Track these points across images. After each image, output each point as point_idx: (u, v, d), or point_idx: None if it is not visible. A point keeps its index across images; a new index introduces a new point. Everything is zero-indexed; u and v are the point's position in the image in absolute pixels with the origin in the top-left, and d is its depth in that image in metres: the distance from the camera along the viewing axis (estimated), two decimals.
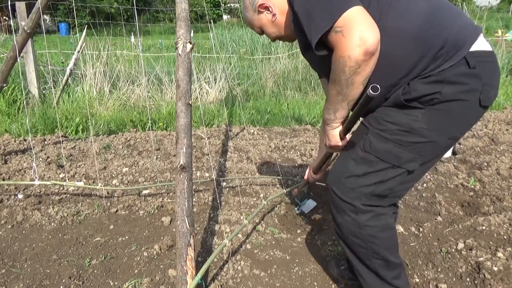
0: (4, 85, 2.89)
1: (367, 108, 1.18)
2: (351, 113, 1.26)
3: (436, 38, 1.13)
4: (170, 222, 2.23)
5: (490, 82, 1.17)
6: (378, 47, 1.09)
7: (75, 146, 3.48)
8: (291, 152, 3.45)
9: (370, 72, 1.14)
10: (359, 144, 1.28)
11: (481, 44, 1.17)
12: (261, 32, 1.41)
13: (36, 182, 2.45)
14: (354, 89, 1.16)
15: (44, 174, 2.84)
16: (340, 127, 1.31)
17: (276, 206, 2.41)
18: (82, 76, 4.96)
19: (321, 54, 1.18)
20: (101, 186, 2.50)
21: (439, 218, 2.25)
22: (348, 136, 1.36)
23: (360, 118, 1.32)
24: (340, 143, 1.34)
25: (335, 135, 1.34)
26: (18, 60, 4.24)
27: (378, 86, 1.01)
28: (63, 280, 1.73)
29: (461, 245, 1.95)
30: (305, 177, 2.01)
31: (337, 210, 1.35)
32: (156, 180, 2.79)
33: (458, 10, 1.22)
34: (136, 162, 3.11)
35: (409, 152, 1.21)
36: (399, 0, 1.16)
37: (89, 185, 2.65)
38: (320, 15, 1.11)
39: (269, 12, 1.33)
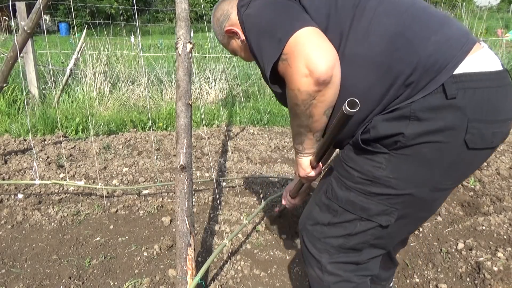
0: (4, 85, 2.89)
1: (343, 129, 0.95)
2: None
3: (402, 62, 0.89)
4: (170, 222, 2.23)
5: (481, 117, 0.87)
6: (336, 73, 0.90)
7: (75, 146, 3.48)
8: (291, 152, 3.45)
9: (332, 100, 0.95)
10: (322, 188, 1.11)
11: (474, 64, 0.88)
12: (235, 54, 1.30)
13: (37, 182, 2.45)
14: (316, 122, 1.00)
15: (44, 174, 2.84)
16: (311, 157, 1.14)
17: (276, 206, 2.41)
18: (82, 76, 4.95)
19: (275, 90, 1.05)
20: (101, 185, 2.50)
21: (439, 218, 2.25)
22: (322, 164, 1.21)
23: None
24: (311, 174, 1.18)
25: (304, 165, 1.17)
26: (19, 60, 4.24)
27: (357, 101, 0.82)
28: (63, 280, 1.73)
29: (461, 245, 1.95)
30: (283, 201, 1.75)
31: (304, 259, 1.20)
32: (156, 180, 2.79)
33: (442, 20, 0.94)
34: (136, 162, 3.11)
35: (377, 204, 0.98)
36: (359, 19, 0.93)
37: (89, 185, 2.65)
38: (269, 43, 0.95)
39: (237, 37, 1.17)
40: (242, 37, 1.14)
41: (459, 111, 0.86)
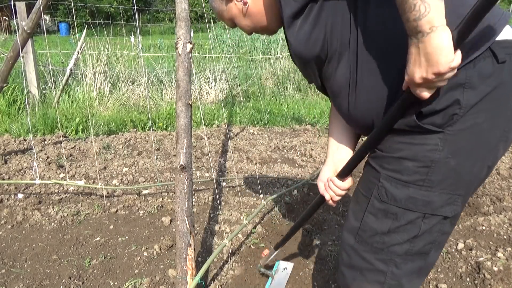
0: (4, 85, 2.89)
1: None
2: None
3: (451, 14, 0.74)
4: (170, 222, 2.23)
5: None
6: None
7: (75, 146, 3.48)
8: (291, 152, 3.45)
9: None
10: (372, 192, 0.97)
11: (510, 33, 0.83)
12: (234, 24, 1.16)
13: (37, 181, 2.45)
14: None
15: (44, 174, 2.84)
16: (447, 27, 0.70)
17: (276, 206, 2.41)
18: (82, 76, 4.96)
19: None
20: (101, 185, 2.50)
21: None
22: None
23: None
24: (457, 59, 0.71)
25: (445, 45, 0.69)
26: (19, 59, 4.24)
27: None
28: (63, 280, 1.73)
29: (461, 245, 1.95)
30: (326, 196, 1.18)
31: (354, 276, 1.05)
32: (156, 180, 2.79)
33: None
34: (136, 162, 3.11)
35: (440, 194, 0.89)
36: None
37: (89, 184, 2.65)
38: None
39: (238, 0, 1.06)
40: None
41: (508, 76, 0.81)
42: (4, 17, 12.28)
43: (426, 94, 0.76)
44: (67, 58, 5.95)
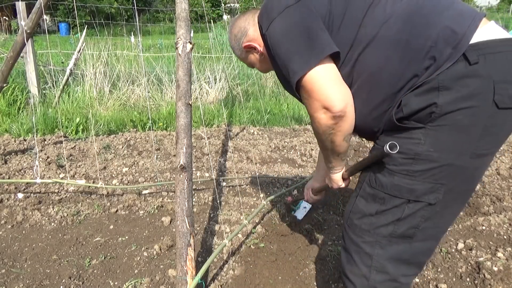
0: (4, 85, 2.89)
1: (378, 160, 1.05)
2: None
3: (420, 37, 0.95)
4: (170, 222, 2.23)
5: (506, 78, 0.92)
6: (349, 109, 1.01)
7: (75, 146, 3.48)
8: (291, 152, 3.45)
9: (349, 129, 1.04)
10: (365, 179, 1.12)
11: (488, 33, 0.94)
12: (253, 67, 1.38)
13: (38, 180, 2.45)
14: (338, 146, 1.10)
15: (44, 174, 2.84)
16: (342, 171, 1.27)
17: (276, 206, 2.41)
18: (82, 76, 4.96)
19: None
20: (101, 184, 2.50)
21: None
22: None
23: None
24: (342, 185, 1.32)
25: (336, 179, 1.30)
26: (27, 59, 4.24)
27: (396, 144, 0.94)
28: (63, 280, 1.73)
29: (461, 245, 1.95)
30: (305, 197, 1.85)
31: (348, 259, 1.17)
32: (156, 180, 2.79)
33: (449, 0, 1.02)
34: (136, 162, 3.11)
35: (423, 183, 0.99)
36: (373, 10, 1.02)
37: (90, 184, 2.65)
38: (289, 70, 1.03)
39: (256, 51, 1.27)
40: (261, 50, 1.24)
41: (483, 75, 0.90)
42: (4, 17, 12.28)
43: (335, 187, 1.36)
44: (67, 58, 5.95)
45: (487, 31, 0.94)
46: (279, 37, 1.05)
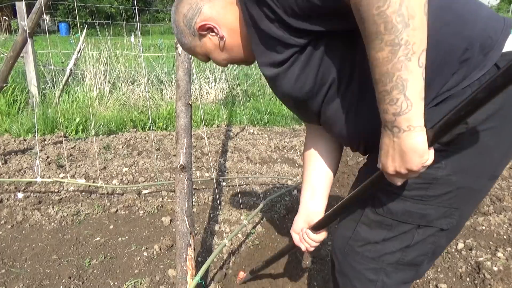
0: (4, 85, 2.89)
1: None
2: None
3: (454, 37, 0.76)
4: (170, 222, 2.23)
5: None
6: None
7: (75, 146, 3.48)
8: (291, 152, 3.45)
9: None
10: (368, 204, 0.95)
11: None
12: (208, 59, 1.05)
13: (38, 179, 2.45)
14: (419, 27, 0.64)
15: (44, 174, 2.84)
16: (425, 128, 0.70)
17: (276, 206, 2.41)
18: (82, 76, 4.96)
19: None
20: (101, 184, 2.50)
21: None
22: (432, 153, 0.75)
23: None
24: (428, 161, 0.72)
25: (420, 147, 0.69)
26: (27, 59, 4.24)
27: None
28: (63, 280, 1.73)
29: (461, 245, 1.95)
30: (302, 247, 1.17)
31: (345, 284, 1.05)
32: (156, 180, 2.79)
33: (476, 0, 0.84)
34: (136, 162, 3.11)
35: (437, 208, 0.88)
36: None
37: (91, 183, 2.65)
38: None
39: (214, 34, 0.96)
40: (220, 33, 0.94)
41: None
42: (4, 17, 12.28)
43: (398, 182, 0.77)
44: (67, 58, 5.95)
45: None
46: None
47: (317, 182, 1.13)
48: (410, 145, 0.68)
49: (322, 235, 1.13)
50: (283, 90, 0.93)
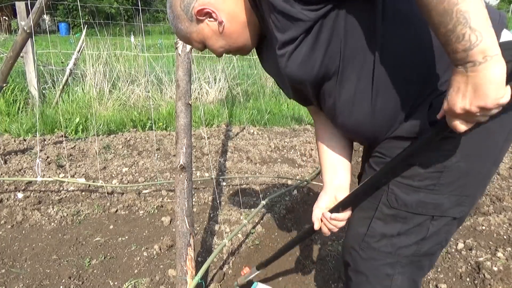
0: (4, 85, 2.89)
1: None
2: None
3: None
4: (170, 222, 2.23)
5: None
6: None
7: (75, 146, 3.48)
8: (291, 152, 3.45)
9: None
10: (380, 198, 0.96)
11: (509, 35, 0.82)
12: (204, 47, 1.01)
13: (39, 179, 2.45)
14: None
15: (44, 174, 2.83)
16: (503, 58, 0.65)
17: (276, 206, 2.41)
18: (82, 76, 4.96)
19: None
20: (101, 183, 2.50)
21: None
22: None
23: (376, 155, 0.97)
24: (505, 97, 0.64)
25: (498, 78, 0.62)
26: (27, 59, 4.23)
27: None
28: (63, 280, 1.73)
29: (461, 245, 1.95)
30: (324, 229, 1.08)
31: (361, 282, 1.04)
32: (156, 180, 2.79)
33: None
34: (136, 162, 3.11)
35: (449, 196, 0.89)
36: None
37: (91, 183, 2.65)
38: None
39: (212, 19, 0.92)
40: (219, 18, 0.91)
41: None
42: (4, 17, 12.27)
43: (462, 127, 0.70)
44: (67, 58, 5.95)
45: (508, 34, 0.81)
46: None
47: (337, 160, 1.11)
48: (487, 76, 0.62)
49: (348, 213, 1.06)
50: (288, 71, 0.89)
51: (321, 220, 1.08)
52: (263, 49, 1.01)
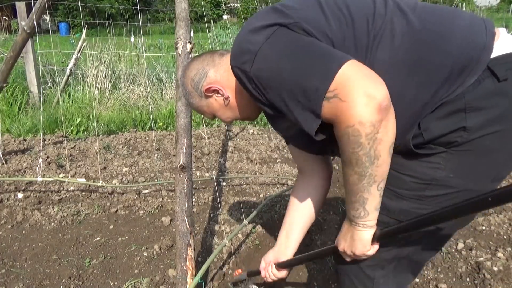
0: (4, 85, 2.89)
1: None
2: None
3: (436, 52, 0.82)
4: (170, 222, 2.23)
5: None
6: (390, 102, 0.78)
7: (75, 146, 3.48)
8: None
9: (394, 133, 0.79)
10: None
11: (507, 44, 0.82)
12: (214, 117, 1.14)
13: (39, 178, 2.45)
14: (382, 164, 0.80)
15: (44, 174, 2.84)
16: (375, 228, 0.89)
17: (276, 206, 2.41)
18: (82, 76, 4.96)
19: (321, 139, 0.87)
20: (102, 183, 2.50)
21: None
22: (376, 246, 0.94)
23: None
24: (371, 251, 0.92)
25: (365, 240, 0.89)
26: (27, 59, 4.24)
27: None
28: (63, 280, 1.73)
29: (461, 245, 1.95)
30: (263, 274, 1.35)
31: (347, 282, 1.09)
32: (156, 180, 2.79)
33: (451, 9, 0.90)
34: (136, 162, 3.11)
35: (434, 207, 0.88)
36: (375, 36, 0.86)
37: (91, 182, 2.65)
38: (303, 92, 0.81)
39: (219, 95, 1.05)
40: (225, 94, 1.04)
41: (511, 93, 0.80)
42: (4, 17, 12.28)
43: (347, 258, 0.98)
44: (67, 58, 5.95)
45: (505, 42, 0.83)
46: (279, 60, 0.84)
47: (294, 227, 1.28)
48: (359, 236, 0.90)
49: (282, 273, 1.30)
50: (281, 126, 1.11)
51: (266, 268, 1.32)
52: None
